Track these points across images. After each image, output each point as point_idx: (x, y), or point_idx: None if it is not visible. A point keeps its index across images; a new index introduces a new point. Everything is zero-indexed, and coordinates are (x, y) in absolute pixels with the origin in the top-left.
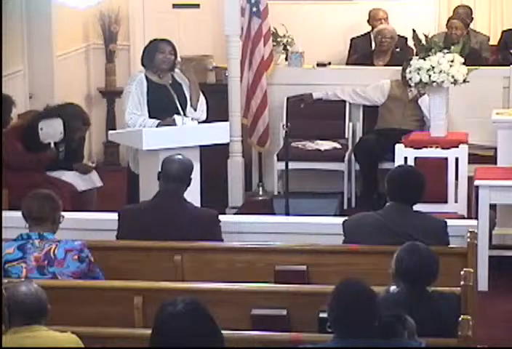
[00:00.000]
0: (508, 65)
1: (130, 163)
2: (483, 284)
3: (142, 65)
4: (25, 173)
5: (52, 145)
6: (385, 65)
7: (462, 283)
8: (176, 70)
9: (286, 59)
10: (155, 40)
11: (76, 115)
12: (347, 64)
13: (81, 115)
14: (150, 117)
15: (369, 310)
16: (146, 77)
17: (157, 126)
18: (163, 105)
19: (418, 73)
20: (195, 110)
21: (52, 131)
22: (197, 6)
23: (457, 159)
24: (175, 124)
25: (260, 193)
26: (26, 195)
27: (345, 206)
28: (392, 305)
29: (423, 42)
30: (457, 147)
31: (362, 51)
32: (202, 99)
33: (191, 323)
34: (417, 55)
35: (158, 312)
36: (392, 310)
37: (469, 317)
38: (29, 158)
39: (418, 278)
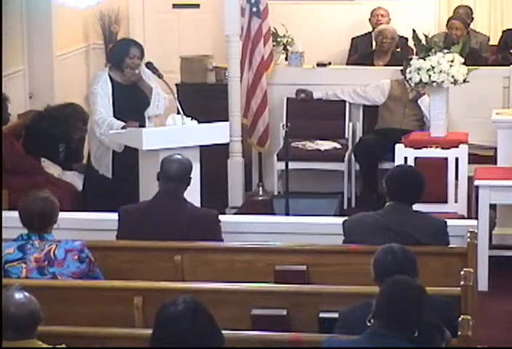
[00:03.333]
0: (508, 65)
1: (94, 163)
2: (483, 284)
3: (109, 61)
4: (25, 174)
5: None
6: (385, 65)
7: (462, 283)
8: (143, 68)
9: (286, 59)
10: (124, 40)
11: (76, 115)
12: (347, 64)
13: (82, 115)
14: (115, 116)
15: (417, 307)
16: (110, 76)
17: (122, 129)
18: (127, 105)
19: (418, 73)
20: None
21: None
22: (197, 6)
23: (457, 159)
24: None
25: (260, 193)
26: (22, 202)
27: (345, 206)
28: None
29: (423, 42)
30: (457, 147)
31: (363, 51)
32: (156, 93)
33: (192, 324)
34: (416, 55)
35: (158, 312)
36: (433, 319)
37: (469, 317)
38: (30, 162)
39: None
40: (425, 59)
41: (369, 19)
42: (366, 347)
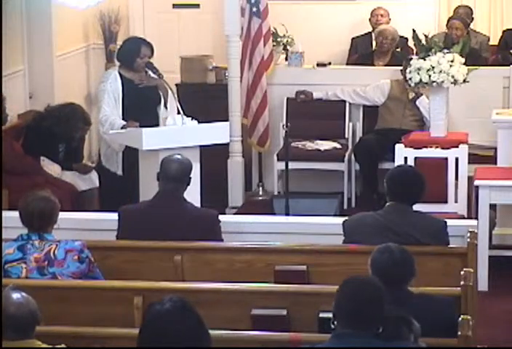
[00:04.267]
0: (508, 65)
1: (105, 162)
2: (483, 284)
3: (118, 60)
4: (25, 174)
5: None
6: (385, 65)
7: (462, 283)
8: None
9: (286, 59)
10: (136, 39)
11: (77, 115)
12: (347, 63)
13: (82, 115)
14: (126, 113)
15: (376, 304)
16: (120, 74)
17: (122, 128)
18: (138, 102)
19: (418, 73)
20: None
21: None
22: (197, 6)
23: (457, 159)
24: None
25: (260, 193)
26: (22, 201)
27: (345, 206)
28: None
29: (423, 42)
30: (457, 147)
31: (363, 51)
32: (171, 97)
33: (178, 322)
34: (416, 55)
35: (145, 312)
36: (398, 312)
37: (469, 317)
38: (29, 163)
39: (390, 277)
40: (425, 59)
41: (369, 20)
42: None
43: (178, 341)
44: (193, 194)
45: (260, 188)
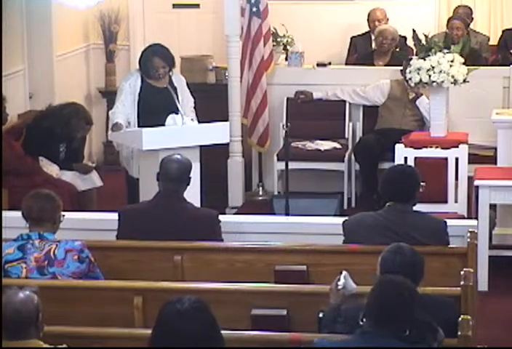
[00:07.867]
0: (508, 65)
1: (125, 165)
2: (483, 284)
3: (139, 66)
4: (24, 174)
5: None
6: (385, 65)
7: (462, 283)
8: (174, 71)
9: (286, 59)
10: (149, 50)
11: (78, 115)
12: (346, 63)
13: (84, 115)
14: (142, 116)
15: (406, 306)
16: (142, 77)
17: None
18: (154, 107)
19: (418, 73)
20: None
21: None
22: (197, 6)
23: (457, 159)
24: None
25: (260, 193)
26: (26, 195)
27: (345, 206)
28: None
29: (423, 42)
30: (457, 147)
31: (362, 51)
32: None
33: (194, 322)
34: (416, 55)
35: (162, 308)
36: (426, 318)
37: (469, 317)
38: (29, 163)
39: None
40: (425, 59)
41: (367, 20)
42: (356, 346)
43: (191, 340)
44: (193, 194)
45: (260, 188)
